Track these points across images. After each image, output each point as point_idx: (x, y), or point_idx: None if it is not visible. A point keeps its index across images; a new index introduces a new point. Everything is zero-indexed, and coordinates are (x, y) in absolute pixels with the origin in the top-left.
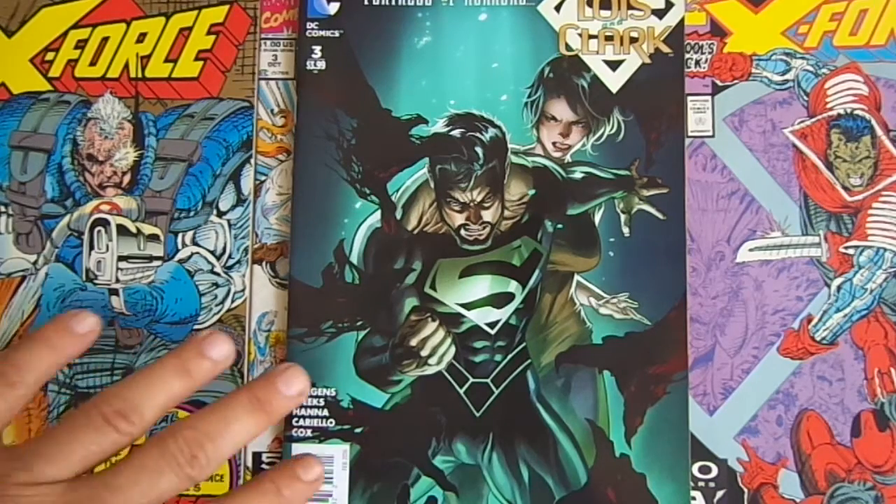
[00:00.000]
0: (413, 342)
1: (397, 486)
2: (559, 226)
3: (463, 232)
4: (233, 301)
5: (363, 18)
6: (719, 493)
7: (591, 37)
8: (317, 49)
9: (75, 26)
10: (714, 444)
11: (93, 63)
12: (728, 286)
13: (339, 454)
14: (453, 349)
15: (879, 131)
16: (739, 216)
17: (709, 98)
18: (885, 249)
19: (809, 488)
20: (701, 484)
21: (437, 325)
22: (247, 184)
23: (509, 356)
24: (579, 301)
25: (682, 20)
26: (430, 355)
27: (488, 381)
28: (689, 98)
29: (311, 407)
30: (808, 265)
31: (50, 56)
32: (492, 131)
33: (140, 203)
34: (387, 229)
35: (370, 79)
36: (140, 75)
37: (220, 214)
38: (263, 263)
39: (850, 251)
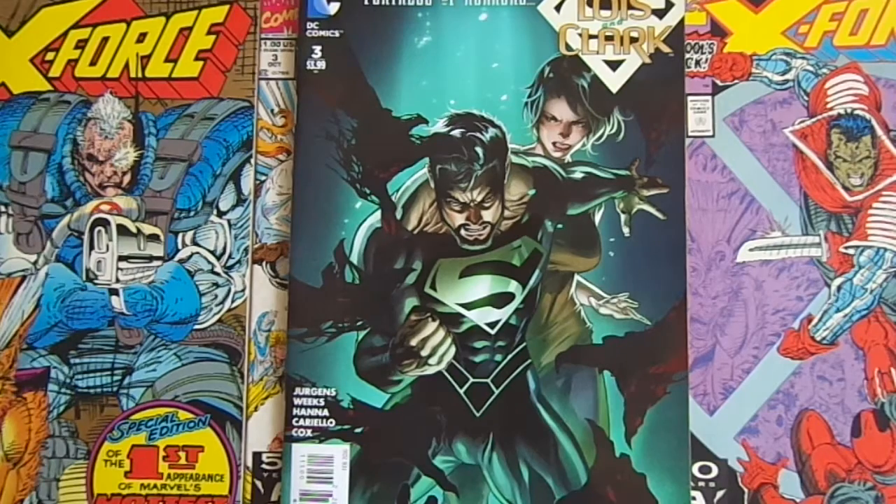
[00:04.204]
0: (413, 342)
1: (397, 486)
2: (559, 226)
3: (463, 232)
4: (233, 301)
5: (363, 18)
6: (719, 493)
7: (591, 37)
8: (317, 49)
9: (75, 26)
10: (714, 444)
11: (93, 63)
12: (728, 286)
13: (339, 454)
14: (453, 349)
15: (880, 131)
16: (739, 216)
17: (709, 98)
18: (886, 249)
19: (809, 488)
20: (701, 484)
21: (437, 325)
22: (247, 184)
23: (509, 356)
24: (579, 301)
25: (682, 20)
26: (430, 355)
27: (488, 381)
28: (690, 98)
29: (311, 407)
30: (808, 265)
31: (50, 56)
32: (492, 131)
33: (140, 203)
34: (387, 229)
35: (370, 79)
36: (140, 75)
37: (221, 214)
38: (263, 263)
39: (851, 251)
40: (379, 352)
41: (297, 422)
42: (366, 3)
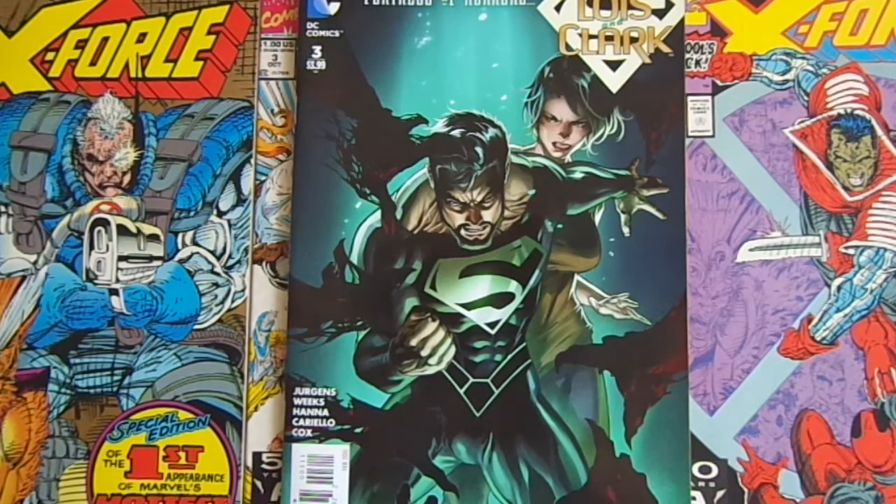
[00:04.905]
0: (413, 342)
1: (397, 486)
2: (559, 226)
3: (463, 232)
4: (233, 301)
5: (363, 18)
6: (719, 493)
7: (591, 37)
8: (317, 49)
9: (75, 26)
10: (714, 444)
11: (93, 63)
12: (728, 286)
13: (339, 454)
14: (453, 349)
15: (879, 131)
16: (739, 216)
17: (709, 98)
18: (886, 249)
19: (809, 488)
20: (701, 484)
21: (437, 325)
22: (247, 184)
23: (509, 356)
24: (579, 301)
25: (682, 20)
26: (430, 355)
27: (488, 381)
28: (689, 98)
29: (311, 407)
30: (808, 265)
31: (50, 56)
32: (492, 131)
33: (140, 203)
34: (387, 229)
35: (370, 79)
36: (140, 75)
37: (220, 214)
38: (263, 263)
39: (851, 251)
40: (379, 352)
41: (297, 422)
42: (366, 3)
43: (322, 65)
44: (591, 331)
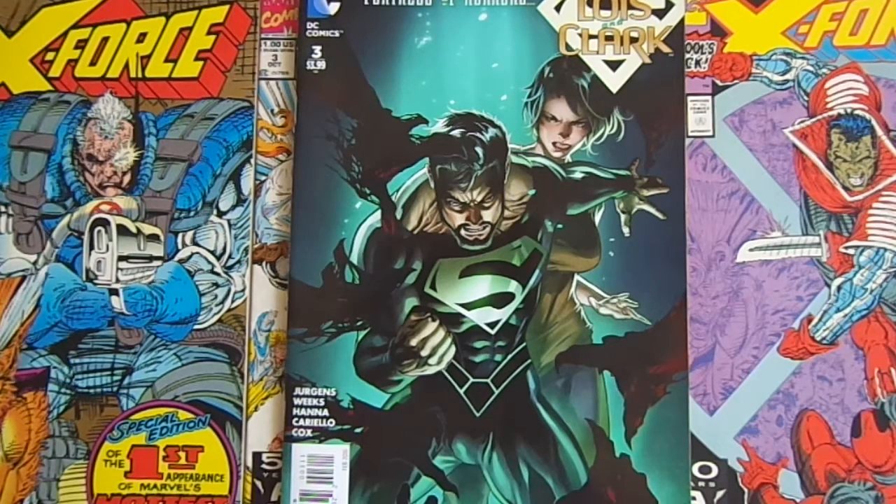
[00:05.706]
0: (413, 342)
1: (397, 486)
2: (559, 226)
3: (463, 232)
4: (233, 301)
5: (363, 18)
6: (719, 493)
7: (591, 37)
8: (317, 49)
9: (75, 26)
10: (714, 444)
11: (93, 63)
12: (728, 286)
13: (339, 454)
14: (453, 349)
15: (879, 131)
16: (739, 216)
17: (709, 98)
18: (886, 249)
19: (809, 488)
20: (701, 484)
21: (437, 325)
22: (247, 184)
23: (509, 356)
24: (579, 301)
25: (682, 20)
26: (430, 355)
27: (488, 381)
28: (689, 98)
29: (311, 407)
30: (808, 265)
31: (50, 56)
32: (492, 131)
33: (140, 203)
34: (387, 229)
35: (370, 79)
36: (140, 75)
37: (220, 214)
38: (263, 263)
39: (851, 251)
40: (379, 352)
41: (297, 422)
42: (366, 3)
43: (322, 65)
44: (591, 331)
